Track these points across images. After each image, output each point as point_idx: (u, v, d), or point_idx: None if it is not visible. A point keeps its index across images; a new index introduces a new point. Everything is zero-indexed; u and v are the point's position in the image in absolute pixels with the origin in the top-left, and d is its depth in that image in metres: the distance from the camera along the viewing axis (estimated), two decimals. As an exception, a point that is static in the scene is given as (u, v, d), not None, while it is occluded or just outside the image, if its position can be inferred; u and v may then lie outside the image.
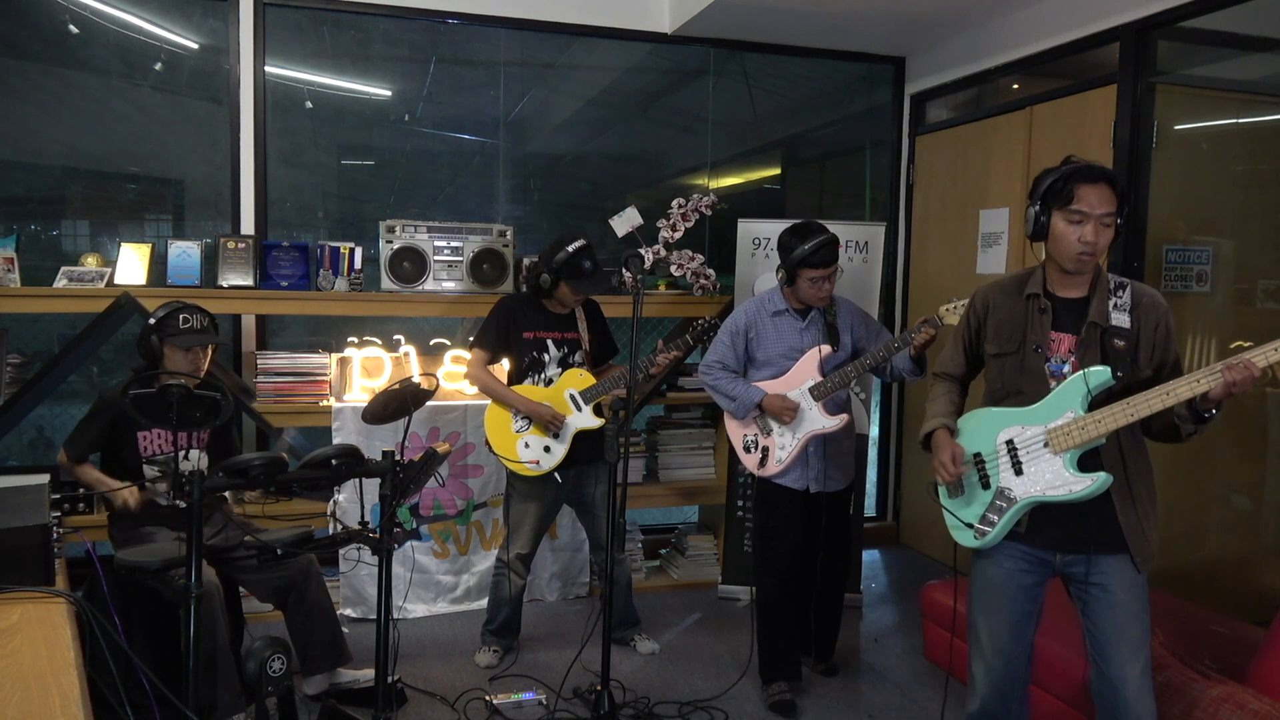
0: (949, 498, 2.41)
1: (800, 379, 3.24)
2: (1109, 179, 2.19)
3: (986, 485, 2.32)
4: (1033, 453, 2.24)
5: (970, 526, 2.33)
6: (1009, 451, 2.28)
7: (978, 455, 2.34)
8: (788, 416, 3.21)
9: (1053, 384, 2.25)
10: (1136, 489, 2.24)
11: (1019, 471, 2.26)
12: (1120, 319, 2.22)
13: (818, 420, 3.23)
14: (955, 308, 2.92)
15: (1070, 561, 2.27)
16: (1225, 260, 3.77)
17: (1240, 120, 3.97)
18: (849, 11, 4.42)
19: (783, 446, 3.26)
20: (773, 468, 3.28)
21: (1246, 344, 2.04)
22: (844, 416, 3.26)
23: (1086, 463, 2.20)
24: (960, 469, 2.33)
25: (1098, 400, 2.18)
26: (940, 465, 2.36)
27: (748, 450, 3.34)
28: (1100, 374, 2.16)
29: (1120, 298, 2.25)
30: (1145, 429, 2.25)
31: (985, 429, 2.34)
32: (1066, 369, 2.25)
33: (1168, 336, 2.25)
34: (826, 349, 3.22)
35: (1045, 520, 2.27)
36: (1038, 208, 2.24)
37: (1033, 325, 2.30)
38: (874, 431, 5.17)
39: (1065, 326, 2.27)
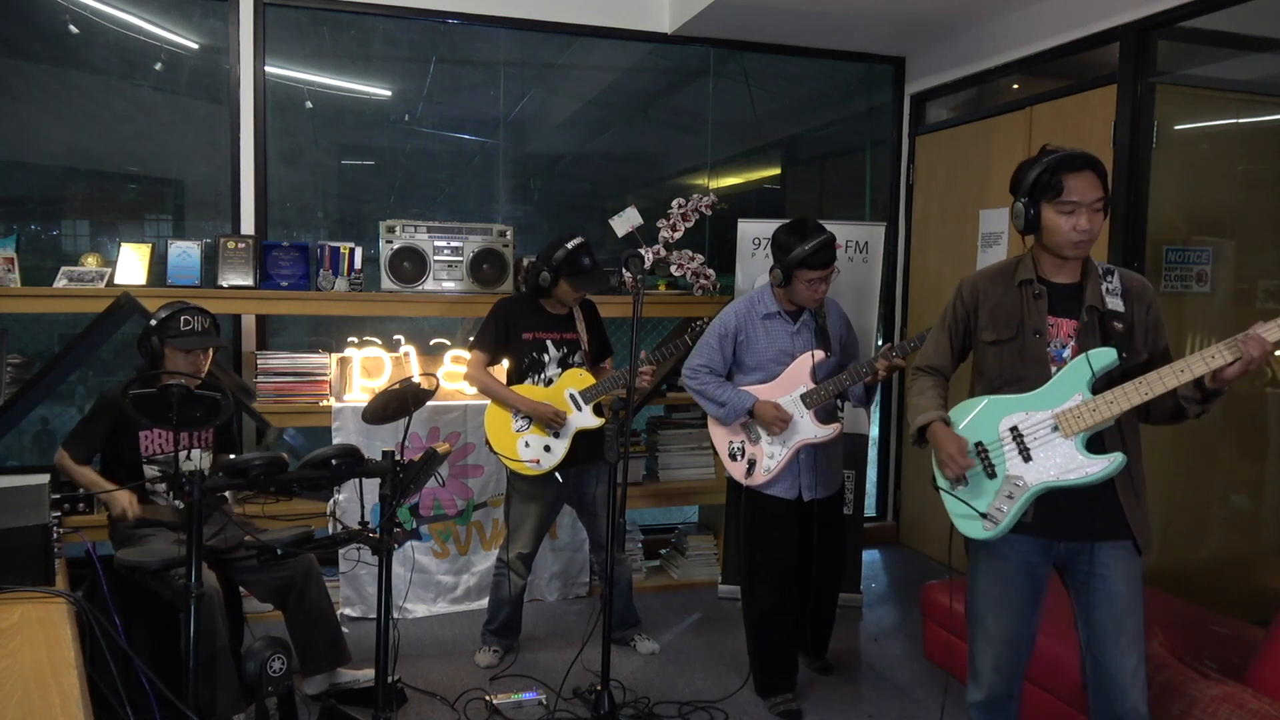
0: (954, 489, 2.38)
1: (791, 385, 3.16)
2: (1092, 164, 2.20)
3: (992, 475, 2.28)
4: (1040, 438, 2.22)
5: (983, 516, 2.29)
6: (1014, 438, 2.25)
7: (979, 444, 2.30)
8: (778, 428, 3.11)
9: (1054, 369, 2.23)
10: (1135, 473, 2.24)
11: (1027, 458, 2.23)
12: (1115, 303, 2.22)
13: (809, 429, 3.14)
14: None
15: (1072, 550, 2.27)
16: (1225, 260, 3.77)
17: (1240, 120, 3.97)
18: (849, 11, 4.42)
19: (771, 455, 3.17)
20: (760, 477, 3.18)
21: None
22: (836, 426, 3.18)
23: (1093, 447, 2.19)
24: (968, 460, 2.29)
25: (1099, 384, 2.17)
26: (948, 458, 2.31)
27: (733, 458, 3.25)
28: (1105, 355, 2.15)
29: (1111, 282, 2.25)
30: (1144, 414, 2.24)
31: (985, 417, 2.31)
32: (1067, 353, 2.24)
33: (1158, 321, 2.27)
34: (820, 354, 3.13)
35: (1048, 509, 2.25)
36: (1025, 201, 2.23)
37: (1029, 311, 2.28)
38: (874, 431, 5.17)
39: (1060, 311, 2.27)
